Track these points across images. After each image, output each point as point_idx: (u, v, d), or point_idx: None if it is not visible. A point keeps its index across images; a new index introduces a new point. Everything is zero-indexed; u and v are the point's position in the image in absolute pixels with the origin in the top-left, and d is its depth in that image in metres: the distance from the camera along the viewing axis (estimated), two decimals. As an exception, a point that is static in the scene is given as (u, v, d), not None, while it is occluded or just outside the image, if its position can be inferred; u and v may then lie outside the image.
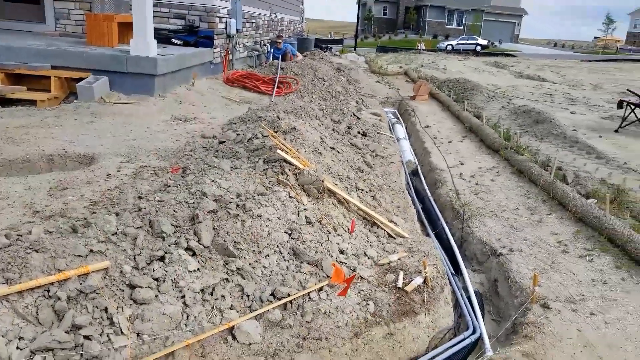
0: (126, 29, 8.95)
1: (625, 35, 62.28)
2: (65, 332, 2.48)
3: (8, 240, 2.83)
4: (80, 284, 2.67)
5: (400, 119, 11.57)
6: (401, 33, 59.25)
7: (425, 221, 5.88)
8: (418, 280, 3.70)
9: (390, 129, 9.89)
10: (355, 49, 32.37)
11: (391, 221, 4.68)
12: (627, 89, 12.26)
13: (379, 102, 12.81)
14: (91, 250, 2.90)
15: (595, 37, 70.30)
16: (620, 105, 10.59)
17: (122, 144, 5.72)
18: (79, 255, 2.83)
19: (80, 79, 7.62)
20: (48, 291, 2.61)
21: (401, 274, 3.75)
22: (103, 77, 7.76)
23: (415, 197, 6.55)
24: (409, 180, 7.28)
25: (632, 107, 10.18)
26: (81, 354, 2.43)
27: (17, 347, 2.37)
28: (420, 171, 7.77)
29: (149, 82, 8.04)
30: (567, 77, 20.89)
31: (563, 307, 3.79)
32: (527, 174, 6.81)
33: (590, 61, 34.20)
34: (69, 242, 2.91)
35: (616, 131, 10.03)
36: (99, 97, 7.51)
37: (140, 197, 3.72)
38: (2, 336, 2.37)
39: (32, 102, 7.16)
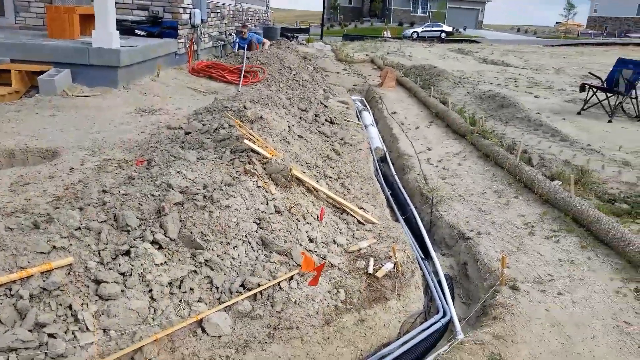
0: (88, 20, 8.73)
1: (586, 20, 63.70)
2: (29, 330, 2.41)
3: (-34, 238, 2.74)
4: (44, 281, 2.60)
5: (368, 106, 11.60)
6: (367, 21, 59.33)
7: (395, 207, 5.93)
8: (388, 266, 3.72)
9: (357, 117, 9.91)
10: (321, 38, 32.26)
11: (360, 208, 4.70)
12: (589, 72, 12.57)
13: (346, 90, 12.81)
14: (54, 247, 2.82)
15: (557, 22, 71.72)
16: (582, 88, 10.84)
17: (86, 137, 5.58)
18: (42, 252, 2.76)
19: (42, 72, 7.41)
20: (10, 290, 2.53)
21: (371, 260, 3.77)
22: (65, 70, 7.56)
23: (384, 183, 6.60)
24: (378, 166, 7.32)
25: (594, 90, 10.44)
26: (46, 353, 2.38)
27: (-22, 349, 2.30)
28: (388, 157, 7.82)
29: (112, 74, 7.87)
30: (530, 62, 21.30)
31: (531, 287, 3.87)
32: (493, 157, 6.93)
33: (552, 46, 34.91)
34: (31, 239, 2.83)
35: (579, 114, 10.28)
36: (61, 90, 7.32)
37: (104, 191, 3.64)
38: (-38, 338, 2.29)
39: (-9, 97, 6.92)
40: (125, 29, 9.68)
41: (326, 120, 7.74)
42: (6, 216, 3.45)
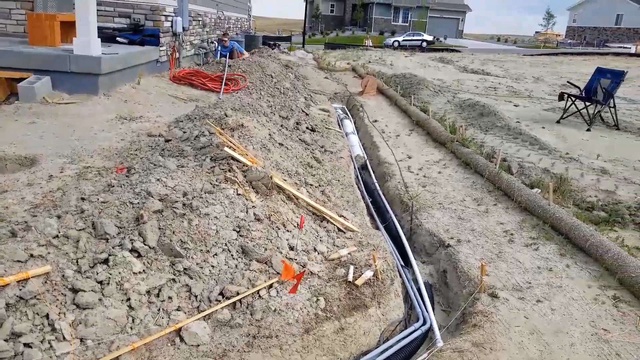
0: (69, 28, 8.66)
1: (565, 30, 64.99)
2: (4, 340, 2.38)
3: (-60, 247, 2.69)
4: (20, 289, 2.57)
5: (349, 114, 11.67)
6: (348, 30, 59.73)
7: (375, 214, 5.96)
8: (368, 274, 3.74)
9: (339, 124, 9.97)
10: (303, 46, 32.40)
11: (341, 215, 4.72)
12: (568, 81, 12.81)
13: (327, 98, 12.88)
14: (31, 255, 2.79)
15: (536, 32, 72.96)
16: (561, 97, 11.04)
17: (65, 145, 5.52)
18: (19, 261, 2.72)
19: (22, 79, 7.32)
20: (-16, 299, 2.49)
21: (351, 268, 3.79)
22: (45, 77, 7.48)
23: (364, 191, 6.63)
24: (358, 174, 7.36)
25: (573, 99, 10.65)
26: (21, 363, 2.35)
27: (-49, 360, 2.26)
28: (369, 165, 7.87)
29: (93, 81, 7.80)
30: (510, 71, 21.65)
31: (510, 295, 3.91)
32: (473, 165, 7.02)
33: (532, 55, 35.54)
34: (8, 247, 2.79)
35: (558, 122, 10.47)
36: (41, 97, 7.24)
37: (83, 199, 3.61)
38: None
39: (-31, 104, 6.81)
40: (107, 36, 9.62)
41: (307, 128, 7.78)
42: (-18, 224, 3.40)
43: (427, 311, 3.98)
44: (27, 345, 2.41)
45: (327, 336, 3.22)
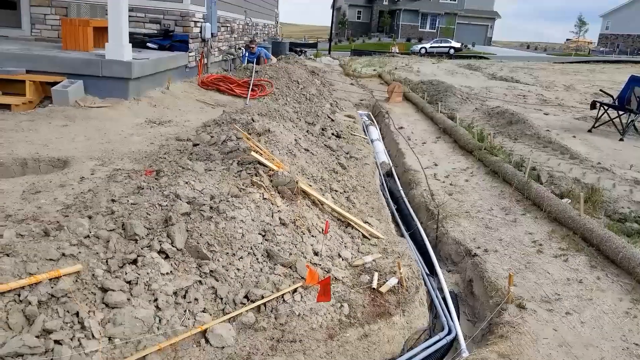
0: (101, 33, 8.89)
1: (597, 37, 63.72)
2: (36, 336, 2.44)
3: (-22, 244, 2.78)
4: (52, 287, 2.63)
5: (374, 120, 11.65)
6: (375, 37, 59.74)
7: (400, 222, 5.93)
8: (393, 281, 3.72)
9: (364, 131, 9.96)
10: (329, 53, 32.53)
11: (365, 222, 4.71)
12: (600, 90, 12.56)
13: (352, 104, 12.88)
14: (63, 254, 2.85)
15: (567, 39, 71.73)
16: (593, 106, 10.81)
17: (96, 148, 5.65)
18: (51, 259, 2.79)
19: (56, 83, 7.53)
20: (19, 295, 2.56)
21: (376, 275, 3.77)
22: (78, 81, 7.69)
23: (389, 198, 6.61)
24: (383, 181, 7.34)
25: (605, 107, 10.42)
26: (51, 359, 2.40)
27: (-15, 354, 2.33)
28: (394, 172, 7.84)
29: (123, 86, 7.98)
30: (540, 79, 21.32)
31: (538, 306, 3.84)
32: (501, 174, 6.93)
33: (562, 63, 34.95)
34: (41, 246, 2.86)
35: (589, 131, 10.26)
36: (73, 101, 7.43)
37: (113, 200, 3.68)
38: (-30, 343, 2.32)
39: (7, 107, 7.05)
40: (137, 41, 9.82)
41: (333, 134, 7.79)
42: (17, 223, 3.49)
43: (452, 320, 3.93)
44: (57, 342, 2.46)
45: (351, 342, 3.21)
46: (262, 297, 3.18)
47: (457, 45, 46.74)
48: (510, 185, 6.56)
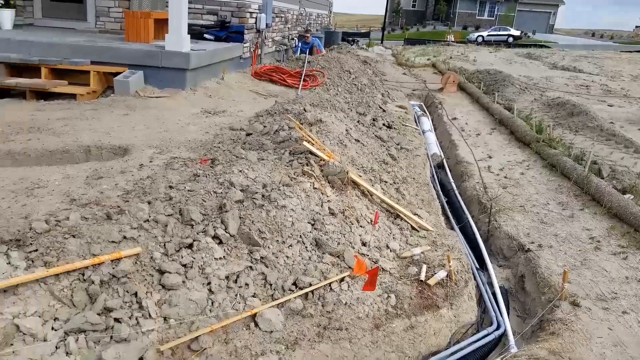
0: (161, 25, 9.16)
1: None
2: (97, 314, 2.60)
3: (48, 225, 2.97)
4: (113, 268, 2.79)
5: (427, 111, 11.48)
6: (429, 25, 58.46)
7: (450, 215, 5.86)
8: (441, 274, 3.70)
9: (415, 122, 9.84)
10: (382, 42, 32.12)
11: (415, 214, 4.69)
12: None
13: (405, 94, 12.72)
14: (124, 237, 3.01)
15: (636, 27, 67.73)
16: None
17: (155, 136, 5.87)
18: (113, 241, 2.95)
19: (118, 74, 7.86)
20: (83, 275, 2.73)
21: (424, 267, 3.77)
22: (138, 72, 7.98)
23: (440, 190, 6.53)
24: (434, 173, 7.25)
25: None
26: (111, 336, 2.55)
27: (52, 328, 2.50)
28: (445, 164, 7.73)
29: (181, 77, 8.22)
30: (605, 68, 20.28)
31: (593, 304, 3.73)
32: (559, 167, 6.70)
33: (630, 52, 33.07)
34: (104, 229, 3.03)
35: (656, 124, 9.74)
36: (134, 91, 7.73)
37: (170, 187, 3.83)
38: (39, 317, 2.51)
39: (72, 96, 7.41)
40: (195, 33, 10.04)
41: (384, 124, 7.75)
42: (81, 207, 3.70)
43: (501, 315, 3.88)
44: (117, 320, 2.62)
45: (397, 333, 3.23)
46: (310, 285, 3.24)
47: (516, 33, 45.09)
48: (568, 179, 6.33)
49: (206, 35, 10.50)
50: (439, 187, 6.67)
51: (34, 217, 3.26)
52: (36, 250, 2.76)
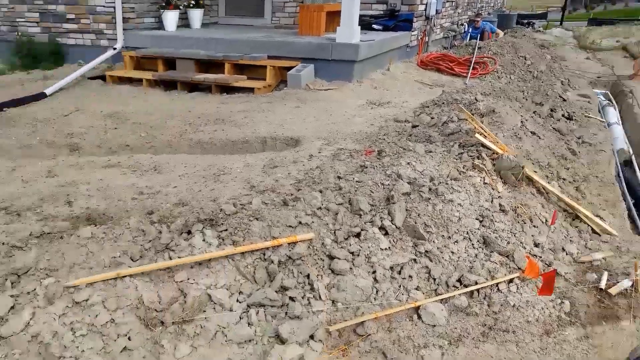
0: (331, 17, 9.44)
1: None
2: (275, 291, 2.87)
3: (235, 208, 3.34)
4: (290, 250, 3.04)
5: (613, 101, 10.24)
6: (621, 2, 51.59)
7: (638, 219, 5.23)
8: (625, 283, 3.36)
9: (600, 113, 8.85)
10: (561, 23, 29.20)
11: (597, 216, 4.29)
12: None
13: (587, 82, 11.50)
14: (300, 222, 3.25)
15: None
16: None
17: (323, 128, 6.16)
18: (290, 226, 3.21)
19: (290, 68, 8.34)
20: (264, 254, 3.02)
21: (605, 274, 3.45)
22: (309, 65, 8.34)
23: (626, 190, 5.84)
24: (620, 171, 6.49)
25: None
26: (286, 313, 2.80)
27: (237, 300, 2.83)
28: (634, 161, 6.87)
29: (349, 69, 8.41)
30: None
31: None
32: None
33: None
34: (282, 214, 3.31)
35: None
36: (305, 84, 8.13)
37: (339, 177, 4.01)
38: (227, 289, 2.84)
39: (250, 90, 8.08)
40: (364, 23, 10.14)
41: (563, 115, 7.13)
42: (260, 193, 4.07)
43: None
44: (291, 298, 2.86)
45: (569, 342, 3.02)
46: (476, 283, 3.18)
47: None
48: None
49: (374, 26, 10.57)
50: (625, 187, 5.97)
51: (221, 200, 3.67)
52: (226, 230, 3.11)
